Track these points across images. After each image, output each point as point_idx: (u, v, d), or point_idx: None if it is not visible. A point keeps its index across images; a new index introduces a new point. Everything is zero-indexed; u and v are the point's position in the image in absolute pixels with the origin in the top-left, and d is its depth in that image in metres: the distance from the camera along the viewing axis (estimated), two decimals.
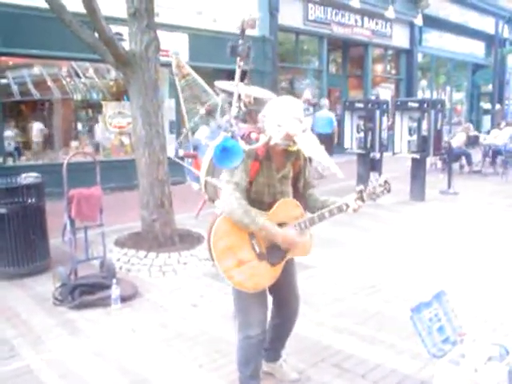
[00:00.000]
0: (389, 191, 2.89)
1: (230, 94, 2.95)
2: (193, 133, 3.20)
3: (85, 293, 4.58)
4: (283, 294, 3.05)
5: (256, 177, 2.75)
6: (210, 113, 3.11)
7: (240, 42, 2.93)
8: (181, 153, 3.24)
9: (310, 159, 2.98)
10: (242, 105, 2.88)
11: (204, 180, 2.97)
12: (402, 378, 3.33)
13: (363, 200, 2.83)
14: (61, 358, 3.63)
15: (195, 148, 3.10)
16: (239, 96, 2.88)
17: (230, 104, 2.92)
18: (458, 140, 12.49)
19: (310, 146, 2.67)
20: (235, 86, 2.85)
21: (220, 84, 3.14)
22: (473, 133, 13.65)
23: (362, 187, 2.87)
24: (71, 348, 3.78)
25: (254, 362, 2.99)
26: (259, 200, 2.78)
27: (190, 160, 3.16)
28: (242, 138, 2.71)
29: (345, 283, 5.10)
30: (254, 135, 2.73)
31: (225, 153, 2.56)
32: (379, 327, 4.08)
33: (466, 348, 3.04)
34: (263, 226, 2.67)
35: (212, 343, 3.82)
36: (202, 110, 3.19)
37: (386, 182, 2.88)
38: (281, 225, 2.81)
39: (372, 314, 4.36)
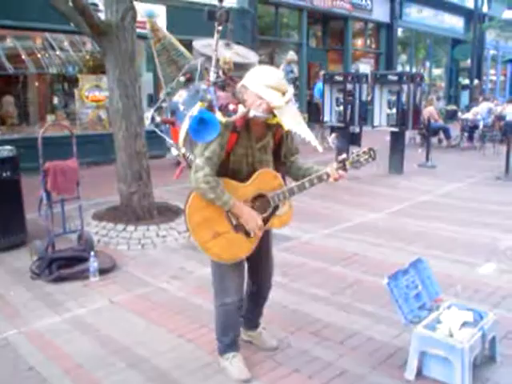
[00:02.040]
0: (374, 159, 2.84)
1: (209, 57, 2.86)
2: (170, 99, 3.11)
3: (62, 266, 4.53)
4: (258, 261, 3.04)
5: (234, 148, 2.69)
6: (190, 80, 3.01)
7: (218, 5, 2.84)
8: (158, 119, 3.15)
9: None
10: (220, 72, 2.80)
11: (182, 149, 2.91)
12: (380, 345, 3.38)
13: (345, 169, 2.79)
14: (39, 330, 3.60)
15: (173, 113, 3.01)
16: (217, 61, 2.79)
17: (208, 70, 2.83)
18: (429, 114, 12.40)
19: (290, 119, 2.59)
20: (214, 51, 2.76)
21: (199, 45, 3.03)
22: (434, 105, 13.59)
23: (344, 156, 2.83)
24: (50, 321, 3.75)
25: (232, 331, 3.01)
26: (237, 170, 2.74)
27: (167, 125, 3.08)
28: (220, 109, 2.61)
29: (323, 254, 5.14)
30: (231, 106, 2.63)
31: (201, 125, 2.49)
32: (357, 296, 4.13)
33: (441, 314, 3.10)
34: (227, 201, 2.63)
35: (191, 314, 3.84)
36: (182, 78, 3.09)
37: (370, 149, 2.83)
38: (259, 196, 2.78)
39: (350, 283, 4.41)
